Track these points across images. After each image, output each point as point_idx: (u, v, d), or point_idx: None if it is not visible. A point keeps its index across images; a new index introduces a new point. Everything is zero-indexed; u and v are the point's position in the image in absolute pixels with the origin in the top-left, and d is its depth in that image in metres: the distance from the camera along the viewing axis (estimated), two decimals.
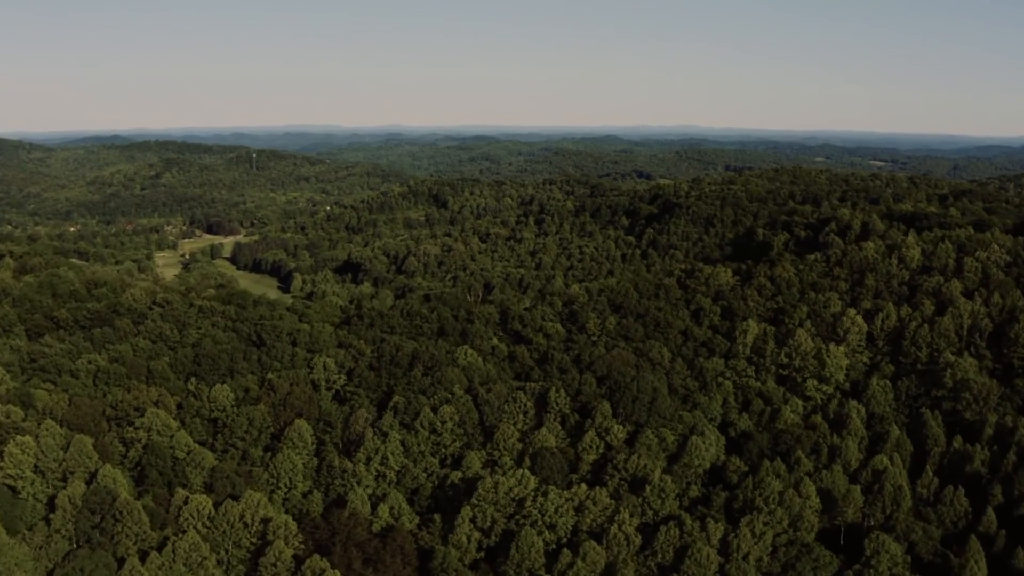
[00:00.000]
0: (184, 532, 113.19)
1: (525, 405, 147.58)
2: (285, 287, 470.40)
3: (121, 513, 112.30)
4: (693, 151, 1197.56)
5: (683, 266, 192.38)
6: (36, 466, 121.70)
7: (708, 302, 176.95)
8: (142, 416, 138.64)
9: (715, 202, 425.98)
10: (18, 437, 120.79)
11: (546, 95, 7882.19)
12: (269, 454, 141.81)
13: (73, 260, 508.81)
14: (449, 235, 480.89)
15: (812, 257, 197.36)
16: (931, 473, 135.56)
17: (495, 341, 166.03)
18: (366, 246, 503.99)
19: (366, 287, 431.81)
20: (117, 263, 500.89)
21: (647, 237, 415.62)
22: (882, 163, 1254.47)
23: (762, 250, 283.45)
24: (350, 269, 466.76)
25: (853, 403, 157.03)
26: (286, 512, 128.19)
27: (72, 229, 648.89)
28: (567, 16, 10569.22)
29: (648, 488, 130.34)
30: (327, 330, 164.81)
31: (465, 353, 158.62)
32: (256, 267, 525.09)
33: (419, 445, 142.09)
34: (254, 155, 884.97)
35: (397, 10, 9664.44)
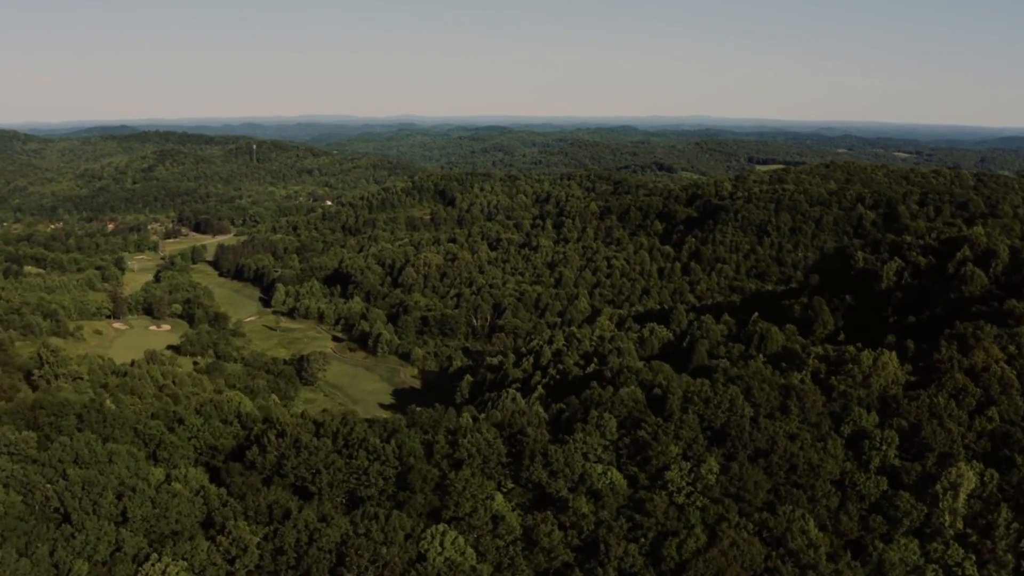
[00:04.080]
0: None
1: None
2: (267, 299, 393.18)
3: None
4: (713, 142, 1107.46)
5: (819, 350, 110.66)
6: None
7: (872, 420, 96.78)
8: None
9: (768, 205, 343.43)
10: None
11: (560, 85, 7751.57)
12: None
13: (29, 268, 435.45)
14: (454, 240, 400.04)
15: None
16: None
17: (499, 502, 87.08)
18: (360, 251, 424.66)
19: (356, 303, 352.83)
20: (79, 270, 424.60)
21: (688, 247, 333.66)
22: (906, 155, 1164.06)
23: (865, 281, 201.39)
24: (340, 279, 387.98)
25: None
26: None
27: (50, 227, 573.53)
28: (581, 6, 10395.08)
29: None
30: (191, 482, 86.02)
31: (441, 540, 79.80)
32: (239, 274, 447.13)
33: None
34: (254, 146, 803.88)
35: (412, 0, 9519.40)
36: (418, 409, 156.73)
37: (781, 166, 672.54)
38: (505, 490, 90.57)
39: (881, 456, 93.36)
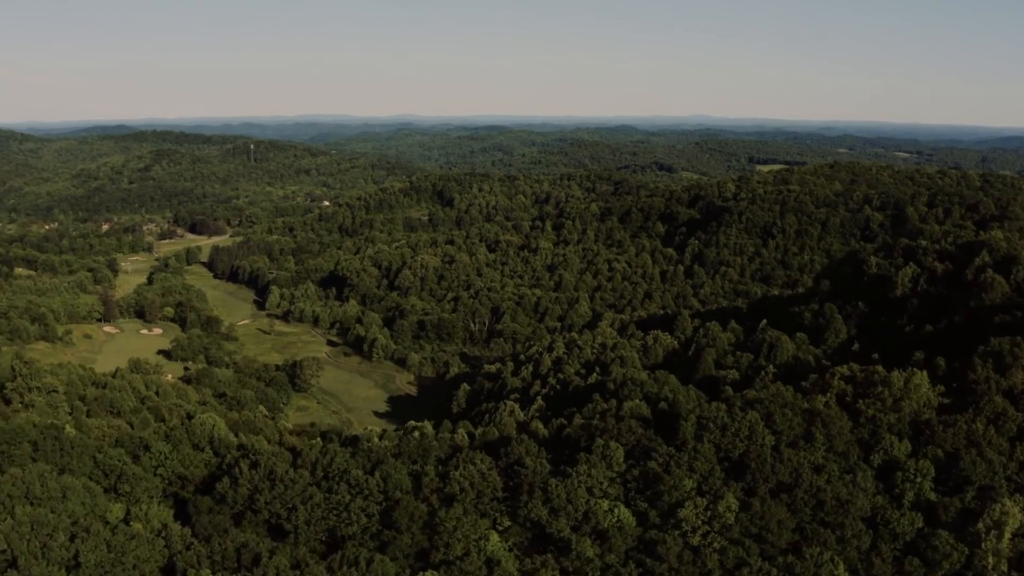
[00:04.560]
0: None
1: None
2: (262, 301, 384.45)
3: None
4: (713, 142, 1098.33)
5: (844, 370, 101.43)
6: None
7: (905, 449, 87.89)
8: None
9: (773, 207, 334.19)
10: None
11: (559, 84, 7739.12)
12: None
13: (20, 271, 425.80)
14: (452, 242, 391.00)
15: None
16: None
17: (494, 543, 78.06)
18: (357, 253, 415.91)
19: (352, 306, 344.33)
20: (71, 272, 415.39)
21: (691, 250, 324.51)
22: (907, 155, 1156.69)
23: (879, 288, 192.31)
24: (335, 282, 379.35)
25: None
26: None
27: (45, 228, 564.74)
28: (581, 5, 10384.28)
29: None
30: (152, 520, 76.16)
31: None
32: (233, 275, 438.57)
33: None
34: (252, 146, 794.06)
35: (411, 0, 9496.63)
36: (411, 425, 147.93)
37: (782, 166, 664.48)
38: (501, 528, 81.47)
39: (915, 490, 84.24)
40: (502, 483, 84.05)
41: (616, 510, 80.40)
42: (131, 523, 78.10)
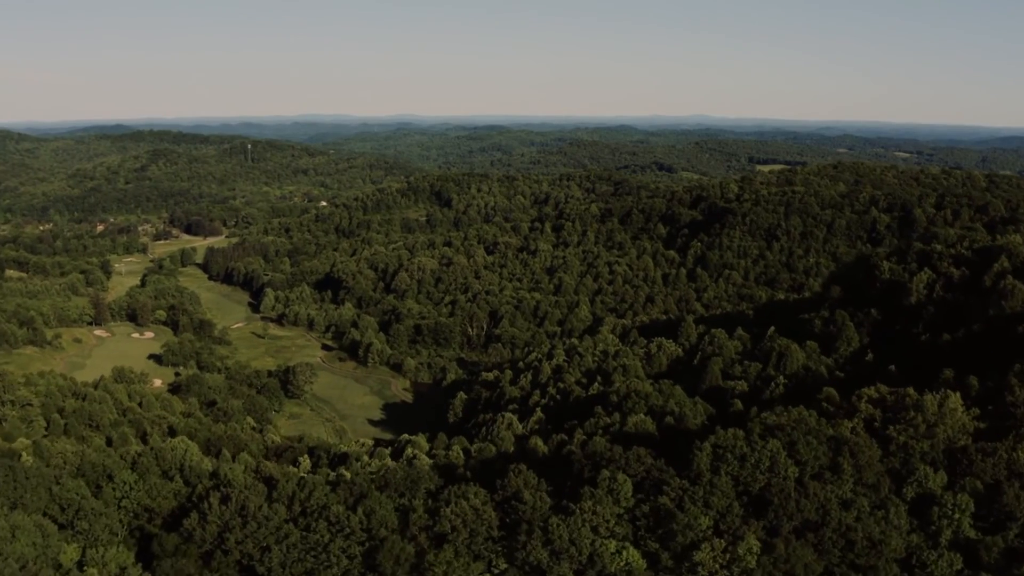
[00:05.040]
0: None
1: None
2: (256, 304, 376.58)
3: None
4: (713, 142, 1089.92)
5: (872, 392, 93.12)
6: None
7: (940, 481, 79.65)
8: None
9: (777, 208, 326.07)
10: None
11: (559, 84, 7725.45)
12: None
13: (11, 273, 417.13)
14: (449, 244, 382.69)
15: None
16: None
17: None
18: (353, 255, 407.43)
19: (347, 309, 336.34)
20: (63, 274, 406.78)
21: (693, 252, 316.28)
22: (907, 155, 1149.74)
23: (892, 294, 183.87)
24: (331, 285, 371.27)
25: None
26: None
27: (39, 228, 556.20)
28: (580, 5, 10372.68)
29: None
30: (109, 564, 67.58)
31: None
32: (228, 277, 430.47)
33: None
34: (249, 146, 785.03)
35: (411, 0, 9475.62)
36: (405, 439, 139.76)
37: (782, 166, 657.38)
38: (496, 572, 73.26)
39: (953, 527, 76.04)
40: (498, 520, 75.71)
41: (624, 552, 72.18)
42: (86, 567, 69.86)
